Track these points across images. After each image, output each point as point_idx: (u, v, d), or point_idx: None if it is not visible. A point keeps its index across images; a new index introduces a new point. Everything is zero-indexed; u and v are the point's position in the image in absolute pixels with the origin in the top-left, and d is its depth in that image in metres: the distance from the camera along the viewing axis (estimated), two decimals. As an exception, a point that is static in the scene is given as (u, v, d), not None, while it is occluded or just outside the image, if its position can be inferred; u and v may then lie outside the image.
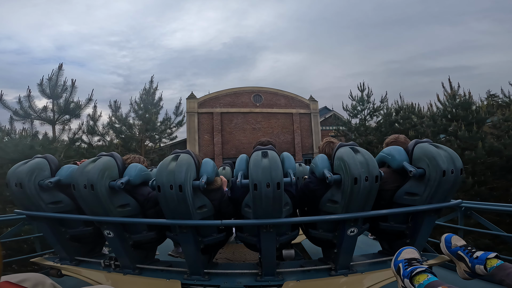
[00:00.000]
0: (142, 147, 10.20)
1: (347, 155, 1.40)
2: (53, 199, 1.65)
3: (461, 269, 1.05)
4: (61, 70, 6.65)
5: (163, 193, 1.39)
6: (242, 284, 1.57)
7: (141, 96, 10.75)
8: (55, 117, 6.71)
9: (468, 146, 6.79)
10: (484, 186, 6.36)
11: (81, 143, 8.43)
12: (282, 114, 17.72)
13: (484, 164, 6.54)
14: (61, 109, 6.71)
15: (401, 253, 1.07)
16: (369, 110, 12.04)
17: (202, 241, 1.59)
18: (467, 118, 7.05)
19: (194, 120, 16.30)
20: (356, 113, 12.22)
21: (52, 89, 6.53)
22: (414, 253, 1.05)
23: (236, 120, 17.03)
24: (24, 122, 6.32)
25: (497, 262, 0.90)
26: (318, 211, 1.58)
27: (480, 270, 0.94)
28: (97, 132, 9.11)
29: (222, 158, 16.13)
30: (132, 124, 10.44)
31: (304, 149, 17.79)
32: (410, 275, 0.88)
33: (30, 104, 6.39)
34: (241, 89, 17.47)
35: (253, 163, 1.36)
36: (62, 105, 6.72)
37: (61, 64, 6.67)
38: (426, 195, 1.46)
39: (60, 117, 6.82)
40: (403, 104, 10.69)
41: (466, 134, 6.77)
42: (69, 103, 6.80)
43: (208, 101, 16.86)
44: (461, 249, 1.06)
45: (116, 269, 1.71)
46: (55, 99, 6.66)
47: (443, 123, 7.47)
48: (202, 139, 16.46)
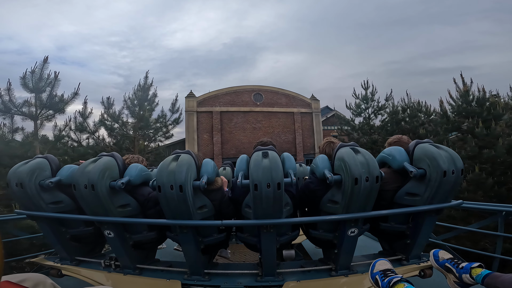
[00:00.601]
0: (136, 146, 9.66)
1: (347, 155, 1.39)
2: (54, 199, 1.65)
3: (450, 280, 1.12)
4: (46, 63, 6.13)
5: (163, 193, 1.39)
6: (242, 284, 1.57)
7: (135, 92, 10.08)
8: (37, 112, 6.20)
9: (485, 144, 6.28)
10: (504, 187, 5.83)
11: (68, 141, 8.02)
12: (283, 113, 17.41)
13: (504, 164, 6.04)
14: (43, 103, 6.19)
15: (375, 265, 1.16)
16: (373, 109, 11.52)
17: (203, 241, 1.59)
18: (482, 114, 6.59)
19: (193, 119, 16.00)
20: (360, 111, 11.70)
21: (35, 83, 6.02)
22: (387, 264, 1.15)
23: (236, 119, 16.71)
24: (4, 117, 5.90)
25: (482, 271, 0.98)
26: (319, 212, 1.58)
27: (467, 279, 1.02)
28: (86, 130, 8.58)
29: (222, 158, 15.82)
30: (125, 121, 9.78)
31: (306, 149, 17.48)
32: (388, 285, 0.96)
33: (10, 98, 5.87)
34: (241, 88, 17.14)
35: (254, 164, 1.36)
36: (45, 99, 6.21)
37: (47, 56, 6.17)
38: (427, 195, 1.46)
39: (44, 113, 6.32)
40: (410, 102, 10.20)
41: (483, 132, 6.20)
42: (52, 97, 6.29)
43: (208, 100, 16.54)
44: (448, 261, 1.14)
45: (117, 269, 1.71)
46: (38, 93, 6.15)
47: (456, 120, 6.97)
48: (201, 138, 16.15)
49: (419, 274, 1.57)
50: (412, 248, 1.62)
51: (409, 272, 1.56)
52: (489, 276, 0.94)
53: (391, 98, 11.23)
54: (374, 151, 7.90)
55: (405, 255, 1.66)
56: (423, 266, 1.59)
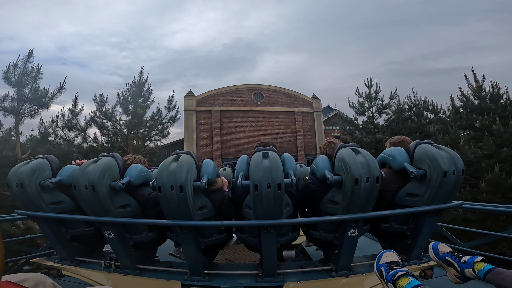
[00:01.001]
0: (129, 145, 9.08)
1: (348, 156, 1.39)
2: (54, 200, 1.65)
3: (451, 274, 1.09)
4: (31, 56, 5.66)
5: (163, 194, 1.39)
6: (242, 285, 1.57)
7: (129, 89, 9.39)
8: (19, 106, 5.69)
9: (503, 142, 5.95)
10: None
11: (55, 139, 7.43)
12: (284, 112, 17.07)
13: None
14: (24, 97, 5.71)
15: (381, 256, 1.12)
16: (377, 107, 11.10)
17: (203, 242, 1.59)
18: (497, 111, 6.29)
19: (192, 118, 15.63)
20: (363, 110, 11.29)
21: (18, 77, 5.58)
22: (394, 256, 1.10)
23: (236, 119, 16.39)
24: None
25: (484, 265, 0.95)
26: (319, 212, 1.58)
27: (469, 273, 0.99)
28: (76, 127, 7.98)
29: (221, 158, 15.56)
30: (118, 119, 9.07)
31: (307, 149, 17.13)
32: (392, 279, 0.92)
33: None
34: (241, 87, 16.78)
35: (254, 164, 1.36)
36: (27, 94, 5.73)
37: (32, 50, 5.73)
38: (427, 196, 1.46)
39: (27, 108, 5.83)
40: (416, 100, 9.79)
41: (501, 129, 5.90)
42: (34, 91, 5.84)
43: (207, 99, 16.17)
44: (449, 255, 1.11)
45: (117, 269, 1.71)
46: (20, 88, 5.70)
47: (469, 118, 6.71)
48: (200, 138, 15.81)
49: (419, 275, 1.57)
50: (412, 249, 1.62)
51: None
52: (492, 272, 0.91)
53: (396, 96, 10.88)
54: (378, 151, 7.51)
55: (405, 256, 1.66)
56: (423, 267, 1.59)
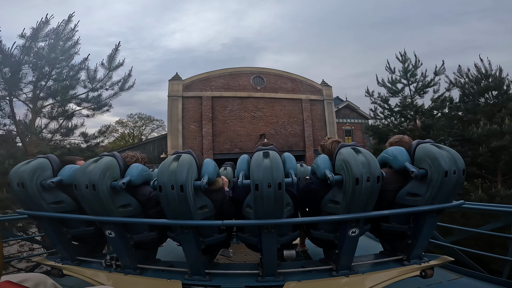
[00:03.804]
0: (32, 123, 5.88)
1: (348, 155, 1.39)
2: (55, 199, 1.65)
3: None
4: None
5: (164, 193, 1.39)
6: (243, 284, 1.57)
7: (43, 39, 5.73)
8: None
9: None
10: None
11: None
12: (288, 100, 14.18)
13: None
14: None
15: None
16: (418, 85, 8.56)
17: (203, 241, 1.60)
18: None
19: (178, 105, 12.79)
20: (396, 91, 8.85)
21: None
22: None
23: (231, 107, 13.58)
24: None
25: None
26: (320, 212, 1.58)
27: None
28: None
29: (213, 153, 12.91)
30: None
31: (316, 143, 13.84)
32: None
33: None
34: (238, 70, 13.86)
35: (255, 164, 1.36)
36: None
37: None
38: (428, 195, 1.46)
39: None
40: (487, 68, 7.25)
41: None
42: None
43: (196, 83, 13.27)
44: None
45: (117, 269, 1.71)
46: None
47: None
48: (187, 129, 12.93)
49: (420, 275, 1.57)
50: (413, 249, 1.62)
51: (410, 272, 1.56)
52: None
53: (443, 71, 8.40)
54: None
55: (406, 256, 1.66)
56: (424, 267, 1.59)
